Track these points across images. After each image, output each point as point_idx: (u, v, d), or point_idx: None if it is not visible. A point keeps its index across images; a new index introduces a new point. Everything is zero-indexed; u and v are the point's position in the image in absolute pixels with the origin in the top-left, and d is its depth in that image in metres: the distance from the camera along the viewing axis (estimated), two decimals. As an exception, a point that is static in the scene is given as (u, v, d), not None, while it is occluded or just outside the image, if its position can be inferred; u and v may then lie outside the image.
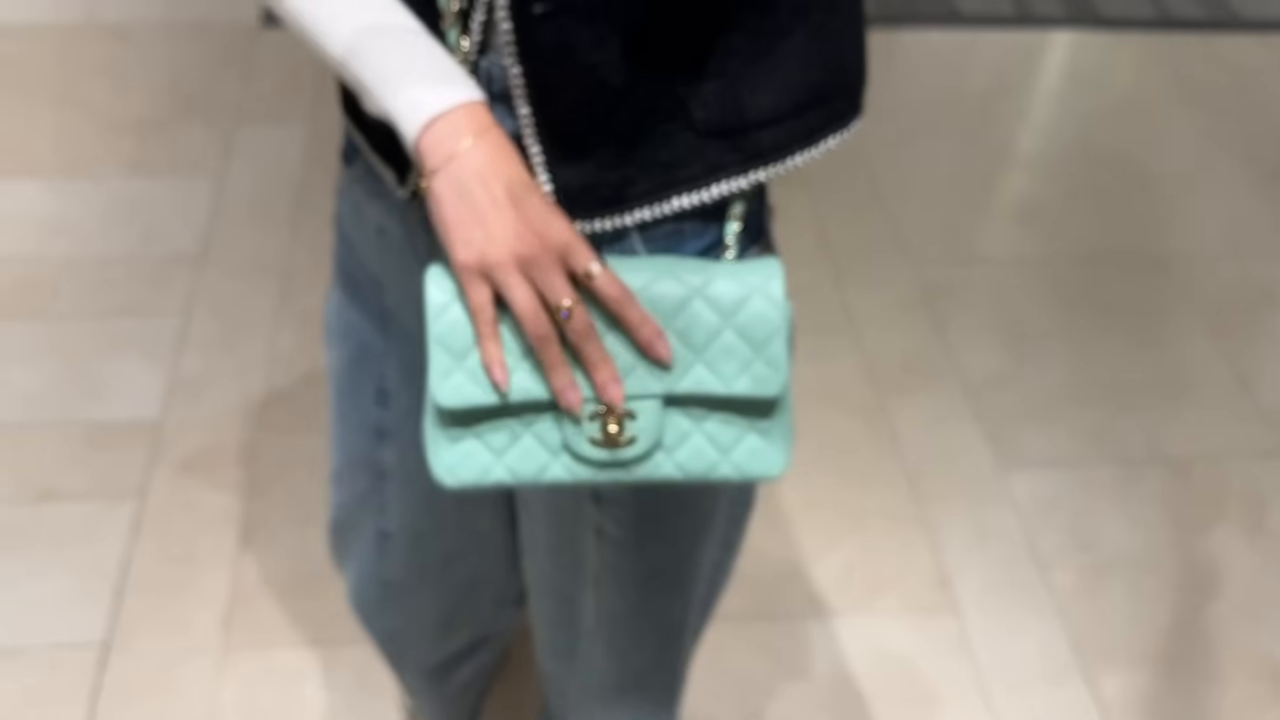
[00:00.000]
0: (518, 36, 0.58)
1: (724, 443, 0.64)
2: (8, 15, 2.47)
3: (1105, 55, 2.70)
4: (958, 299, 1.99)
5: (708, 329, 0.62)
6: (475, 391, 0.61)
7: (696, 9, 0.59)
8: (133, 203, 2.03)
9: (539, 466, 0.63)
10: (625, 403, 0.61)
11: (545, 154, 0.61)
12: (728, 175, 0.63)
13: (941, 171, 2.28)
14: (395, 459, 0.86)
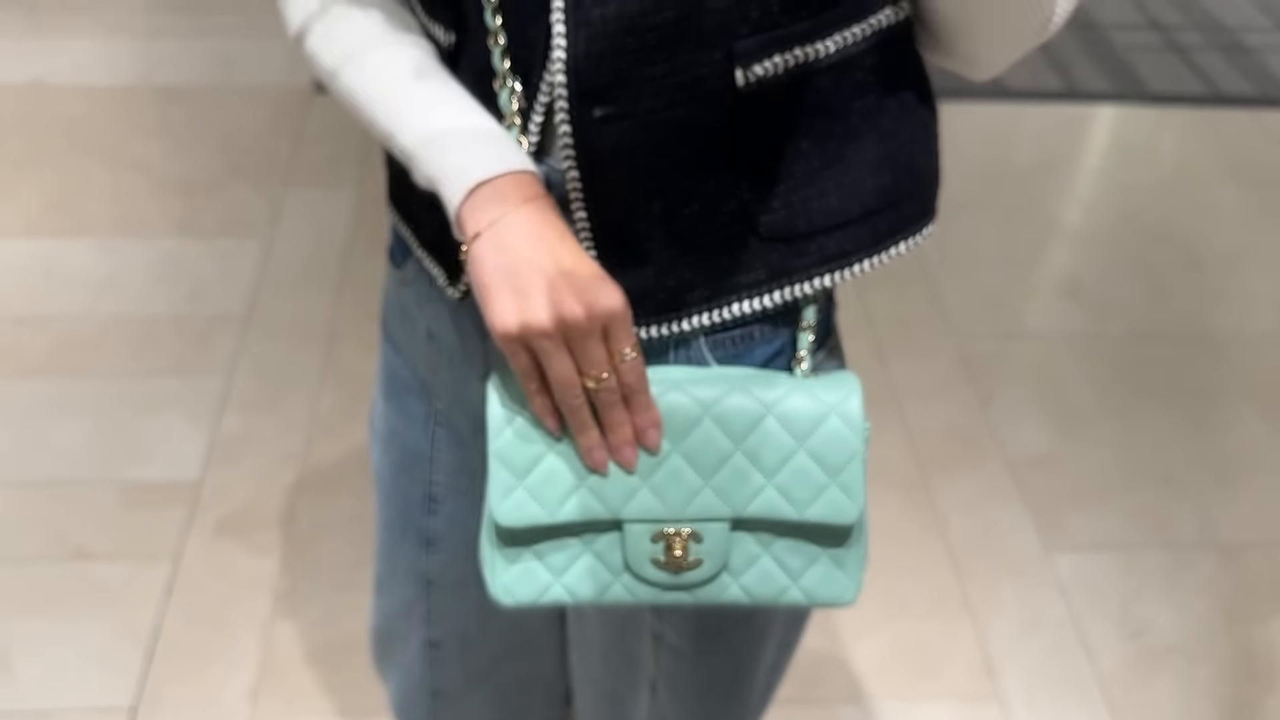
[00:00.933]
0: (575, 139, 0.56)
1: (794, 568, 0.61)
2: (66, 77, 2.54)
3: (1152, 130, 2.68)
4: (1002, 374, 1.96)
5: (780, 450, 0.58)
6: (537, 510, 0.59)
7: (764, 115, 0.57)
8: (181, 262, 2.06)
9: (599, 587, 0.60)
10: (692, 524, 0.58)
11: (601, 259, 0.59)
12: (792, 281, 0.61)
13: (986, 244, 2.26)
14: (442, 567, 0.83)
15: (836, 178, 0.60)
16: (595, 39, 0.54)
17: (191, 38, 2.71)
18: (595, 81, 0.55)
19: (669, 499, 0.59)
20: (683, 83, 0.55)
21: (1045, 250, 2.27)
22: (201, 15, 2.80)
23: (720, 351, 0.63)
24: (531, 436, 0.58)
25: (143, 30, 2.73)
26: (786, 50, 0.55)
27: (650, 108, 0.55)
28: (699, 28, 0.54)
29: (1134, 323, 2.09)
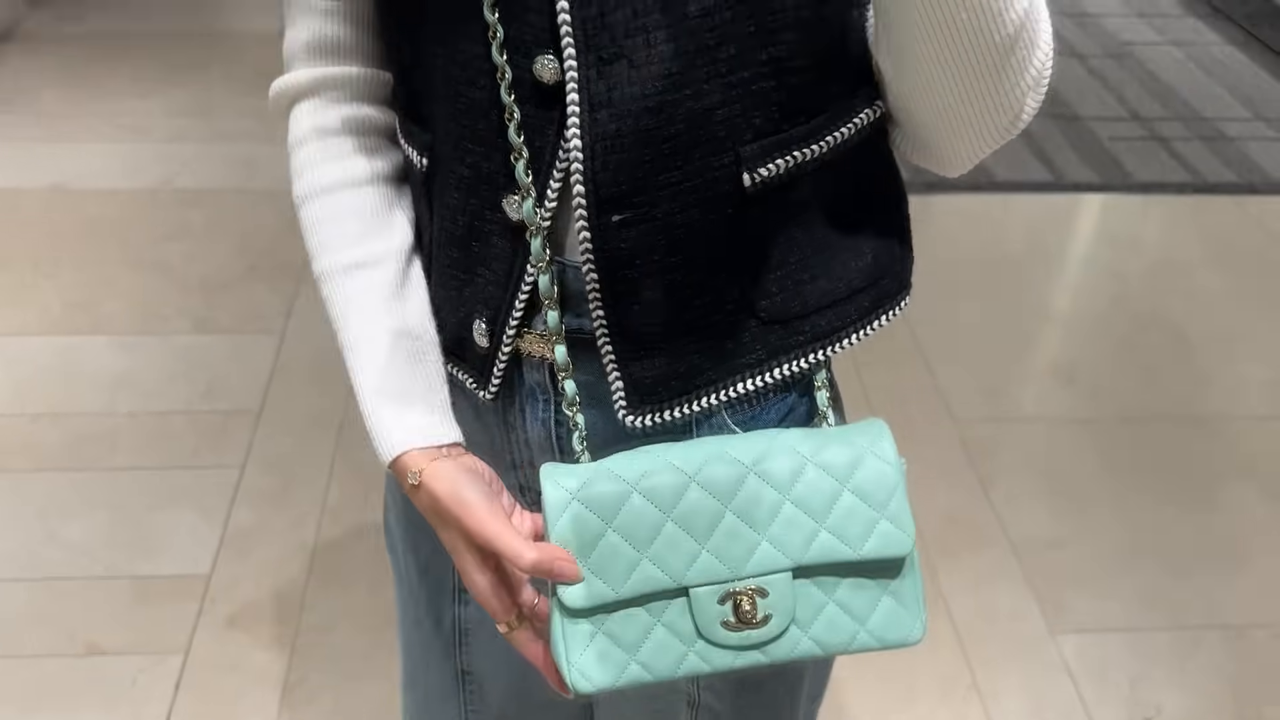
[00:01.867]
0: (595, 243, 0.60)
1: (859, 611, 0.62)
2: (87, 181, 2.63)
3: (1138, 218, 2.76)
4: (1002, 457, 1.99)
5: (826, 494, 0.61)
6: (602, 588, 0.59)
7: (766, 210, 0.61)
8: (197, 359, 2.11)
9: (675, 659, 0.60)
10: (756, 580, 0.60)
11: (616, 354, 0.63)
12: (790, 359, 0.65)
13: (981, 330, 2.31)
14: (477, 655, 0.83)
15: (825, 262, 0.65)
16: (612, 151, 0.58)
17: (210, 142, 2.81)
18: (613, 190, 0.58)
19: (729, 558, 0.60)
20: (695, 186, 0.59)
21: (1038, 335, 2.32)
22: (219, 120, 2.91)
23: (738, 416, 0.67)
24: (588, 519, 0.59)
25: (162, 135, 2.84)
26: (786, 152, 0.60)
27: (666, 211, 0.59)
28: (709, 136, 0.58)
29: (1128, 406, 2.13)
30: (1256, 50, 3.70)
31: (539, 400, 0.68)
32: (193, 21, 3.48)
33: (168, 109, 2.96)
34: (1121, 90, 3.38)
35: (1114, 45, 3.69)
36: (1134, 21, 3.90)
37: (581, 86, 0.56)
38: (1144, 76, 3.48)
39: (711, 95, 0.57)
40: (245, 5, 3.60)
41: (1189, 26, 3.87)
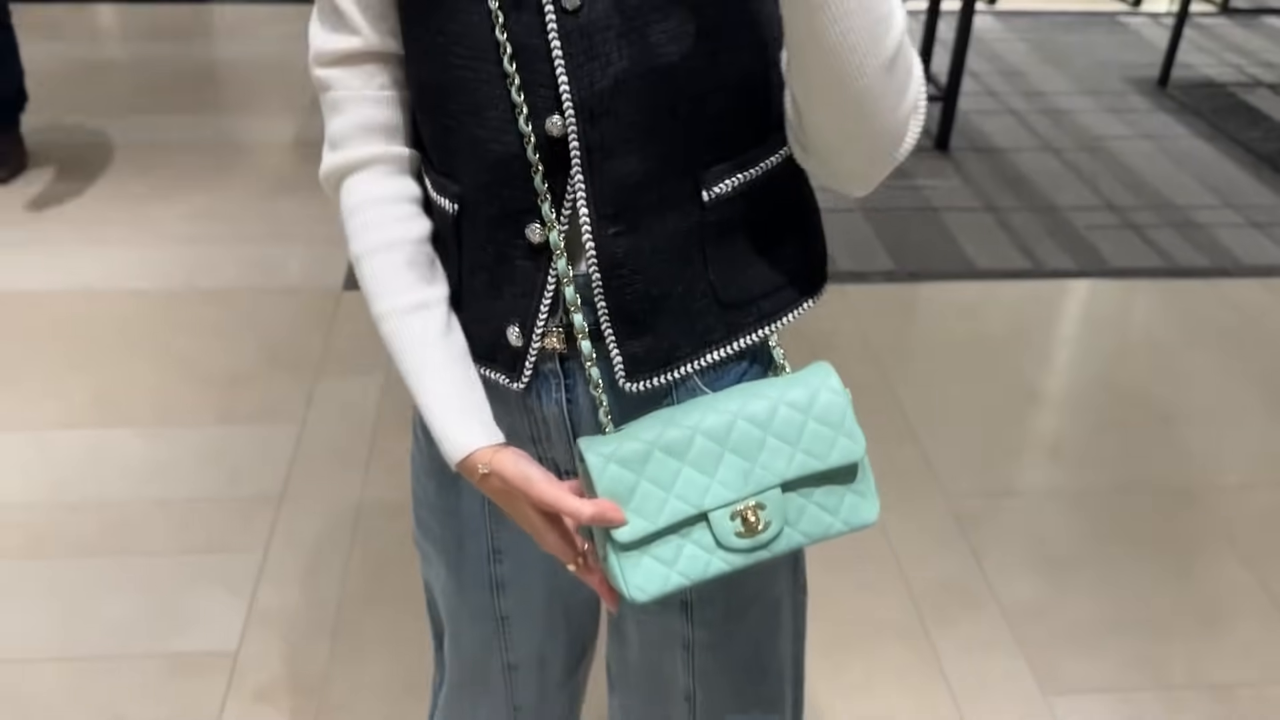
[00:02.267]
0: (599, 252, 0.77)
1: (831, 506, 0.82)
2: (116, 282, 2.77)
3: (1116, 301, 2.89)
4: (992, 529, 2.08)
5: (795, 425, 0.80)
6: (643, 524, 0.77)
7: (721, 217, 0.79)
8: (221, 448, 2.21)
9: (704, 565, 0.79)
10: (755, 497, 0.79)
11: (616, 336, 0.80)
12: (743, 335, 0.84)
13: (969, 408, 2.42)
14: (514, 604, 0.99)
15: (767, 258, 0.83)
16: (606, 181, 0.76)
17: (229, 245, 2.96)
18: (609, 210, 0.76)
19: (732, 485, 0.79)
20: (666, 203, 0.77)
21: (1024, 413, 2.43)
22: (237, 225, 3.07)
23: (706, 379, 0.85)
24: (624, 474, 0.77)
25: (184, 238, 2.99)
26: (736, 174, 0.79)
27: (648, 223, 0.77)
28: (676, 166, 0.76)
29: (1113, 478, 2.23)
30: (1223, 143, 3.90)
31: (552, 385, 0.85)
32: (210, 133, 3.67)
33: (189, 214, 3.11)
34: (1095, 182, 3.56)
35: (1087, 139, 3.89)
36: (1105, 117, 4.11)
37: (580, 136, 0.74)
38: (1116, 168, 3.67)
39: (676, 138, 0.75)
40: (258, 117, 3.80)
41: (1158, 121, 4.08)
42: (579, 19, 0.71)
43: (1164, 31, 5.13)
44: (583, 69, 0.72)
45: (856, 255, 3.04)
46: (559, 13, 0.71)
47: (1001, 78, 4.47)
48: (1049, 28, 5.13)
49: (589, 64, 0.72)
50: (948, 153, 3.73)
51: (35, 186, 3.24)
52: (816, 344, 2.62)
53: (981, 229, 3.23)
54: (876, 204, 3.33)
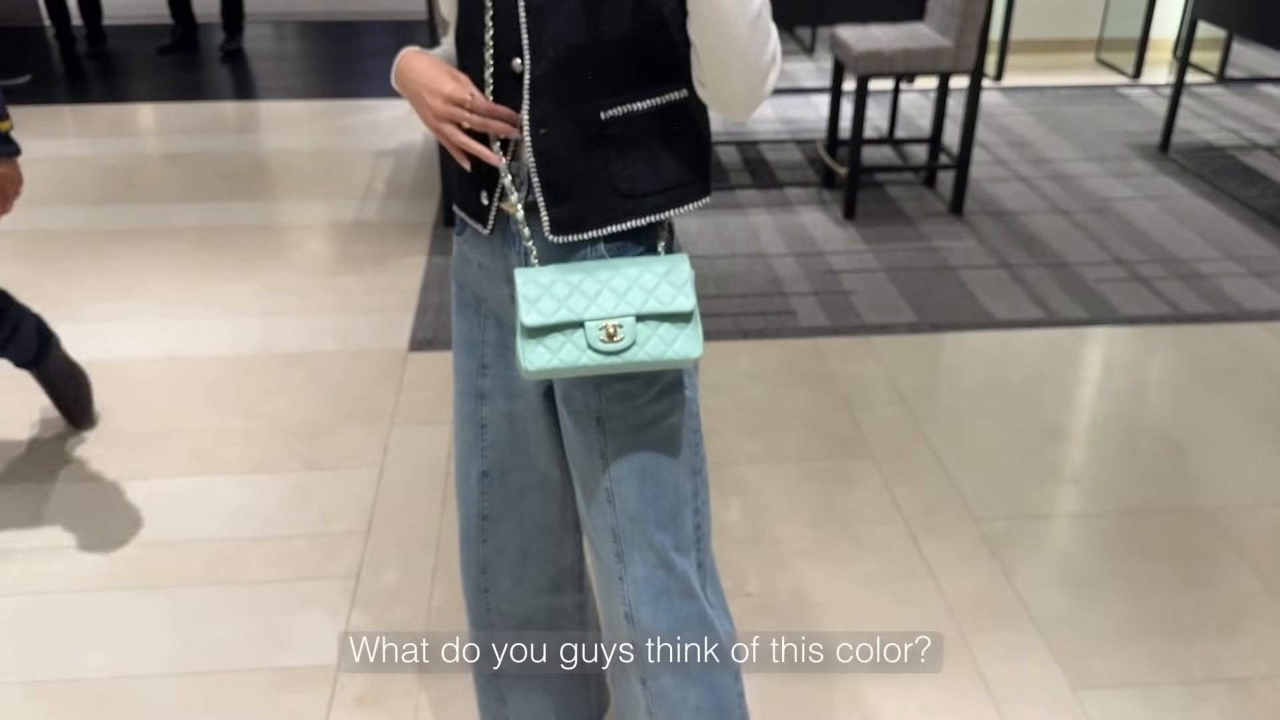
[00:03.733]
0: (534, 144, 1.18)
1: (668, 339, 1.19)
2: (200, 349, 3.01)
3: (1126, 346, 3.09)
4: (1020, 549, 2.25)
5: (653, 281, 1.20)
6: (541, 319, 1.17)
7: (618, 130, 1.17)
8: (309, 491, 2.42)
9: (576, 357, 1.17)
10: (618, 319, 1.17)
11: (545, 201, 1.20)
12: (635, 217, 1.22)
13: (994, 444, 2.61)
14: (490, 413, 1.39)
15: (658, 163, 1.20)
16: (541, 103, 1.17)
17: (300, 315, 3.21)
18: (541, 116, 1.17)
19: (604, 309, 1.17)
20: (578, 115, 1.17)
21: (1044, 447, 2.61)
22: (306, 297, 3.32)
23: (610, 249, 1.23)
24: (536, 288, 1.17)
25: (257, 310, 3.24)
26: (624, 105, 1.17)
27: (566, 128, 1.17)
28: (585, 91, 1.16)
29: (1128, 501, 2.40)
30: (1224, 201, 4.13)
31: (514, 238, 1.26)
32: (271, 217, 3.96)
33: (260, 289, 3.37)
34: (1104, 239, 3.78)
35: (1094, 201, 4.13)
36: (1110, 180, 4.35)
37: (530, 72, 1.16)
38: (1123, 226, 3.89)
39: (585, 76, 1.15)
40: (314, 202, 4.10)
41: (1161, 183, 4.32)
42: (535, 2, 1.14)
43: (1164, 101, 5.41)
44: (535, 31, 1.14)
45: (881, 310, 3.26)
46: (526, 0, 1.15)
47: (1010, 148, 4.74)
48: (1053, 101, 5.42)
49: (538, 29, 1.14)
50: (962, 217, 3.97)
51: (125, 275, 3.52)
52: (846, 389, 2.83)
53: (997, 284, 3.45)
54: (898, 264, 3.56)
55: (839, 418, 2.71)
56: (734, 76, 1.12)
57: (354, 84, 5.71)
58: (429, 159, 4.52)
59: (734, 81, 1.12)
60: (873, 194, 4.17)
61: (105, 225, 3.85)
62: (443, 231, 3.80)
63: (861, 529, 2.32)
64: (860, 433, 2.65)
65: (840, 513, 2.37)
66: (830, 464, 2.53)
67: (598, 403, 1.27)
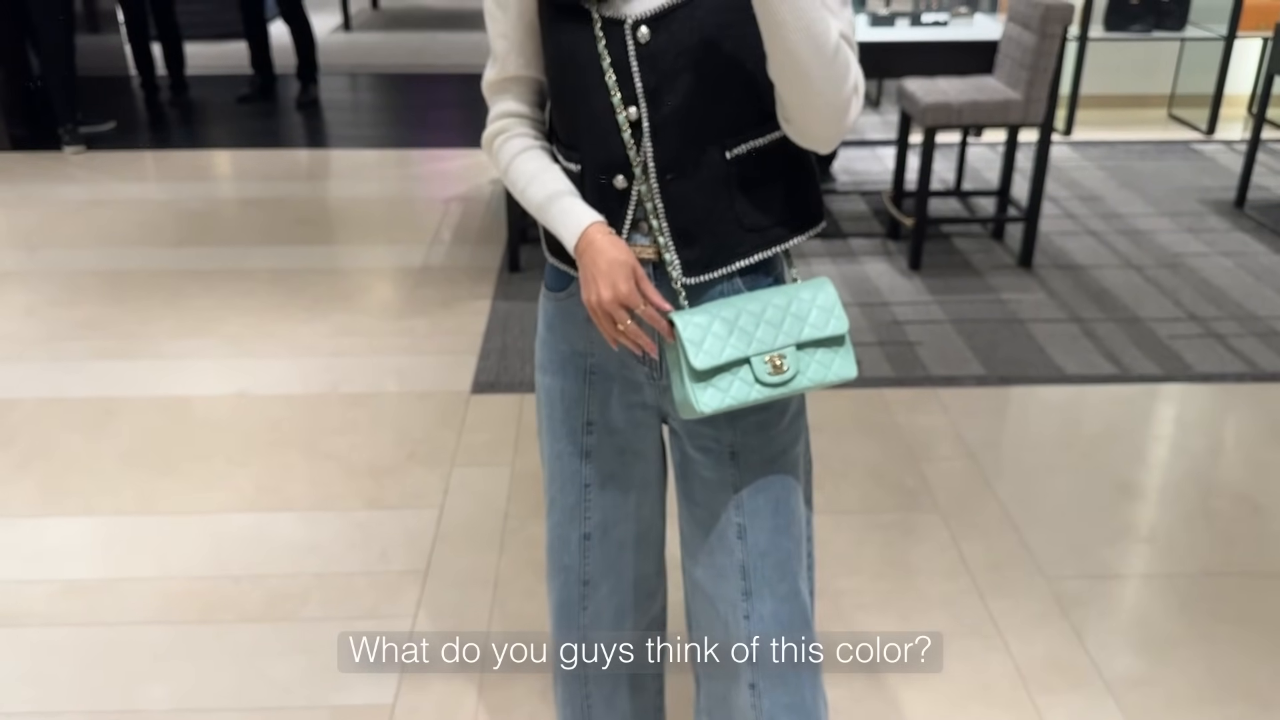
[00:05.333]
0: (661, 191, 1.19)
1: (826, 363, 1.23)
2: (269, 388, 3.07)
3: (1201, 403, 3.00)
4: (1092, 610, 2.18)
5: (805, 308, 1.22)
6: (711, 360, 1.18)
7: (743, 169, 1.19)
8: (371, 530, 2.44)
9: (745, 393, 1.19)
10: (781, 350, 1.20)
11: (675, 246, 1.21)
12: (759, 251, 1.24)
13: (1064, 501, 2.54)
14: (594, 471, 1.36)
15: (774, 200, 1.23)
16: (665, 145, 1.17)
17: (367, 356, 3.26)
18: (667, 162, 1.18)
19: (765, 342, 1.20)
20: (704, 158, 1.18)
21: (1116, 504, 2.54)
22: (373, 339, 3.37)
23: (746, 282, 1.25)
24: (698, 330, 1.18)
25: (326, 351, 3.30)
26: (747, 143, 1.19)
27: (693, 172, 1.18)
28: (710, 137, 1.17)
29: (1205, 562, 2.32)
30: (1303, 258, 4.02)
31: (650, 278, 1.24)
32: (343, 261, 4.05)
33: (329, 331, 3.44)
34: (1177, 295, 3.70)
35: (1166, 257, 4.05)
36: (1183, 236, 4.26)
37: (649, 119, 1.16)
38: (1197, 282, 3.81)
39: (709, 118, 1.16)
40: (384, 247, 4.18)
41: (1236, 240, 4.22)
42: (649, 48, 1.14)
43: (1238, 157, 5.31)
44: (650, 78, 1.15)
45: (948, 362, 3.22)
46: (636, 44, 1.14)
47: (1080, 202, 4.68)
48: (1124, 156, 5.35)
49: (654, 74, 1.15)
50: (1031, 270, 3.92)
51: (197, 312, 3.61)
52: (912, 440, 2.78)
53: (1068, 338, 3.38)
54: (965, 315, 3.51)
55: (905, 470, 2.66)
56: (815, 112, 1.11)
57: (424, 134, 5.84)
58: (495, 206, 4.59)
59: (816, 117, 1.12)
60: (939, 246, 4.14)
61: (183, 266, 3.96)
62: (507, 277, 3.84)
63: (927, 584, 2.26)
64: (926, 485, 2.60)
65: (905, 567, 2.32)
66: (895, 516, 2.49)
67: (732, 436, 1.27)
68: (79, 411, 2.96)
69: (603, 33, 1.15)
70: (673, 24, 1.13)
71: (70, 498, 2.58)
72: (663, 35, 1.13)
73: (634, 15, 1.14)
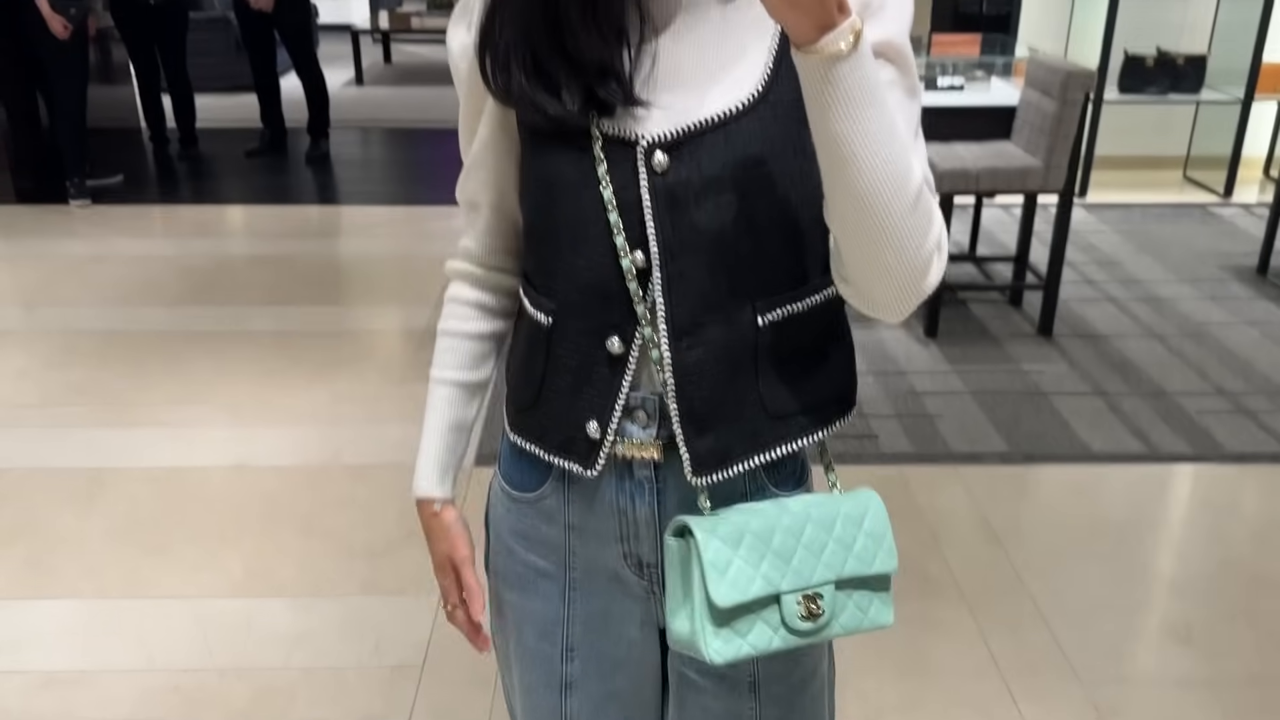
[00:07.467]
0: (673, 360, 0.91)
1: (864, 606, 0.95)
2: (267, 459, 2.96)
3: (1236, 486, 2.88)
4: (1131, 717, 2.04)
5: (850, 534, 0.94)
6: (735, 593, 0.89)
7: (771, 340, 0.93)
8: (365, 618, 2.32)
9: (768, 640, 0.92)
10: (817, 588, 0.92)
11: (684, 435, 0.93)
12: (785, 442, 0.97)
13: (1098, 594, 2.41)
14: (580, 704, 1.07)
15: (807, 378, 0.96)
16: (682, 303, 0.90)
17: (367, 425, 3.16)
18: (684, 327, 0.91)
19: (802, 575, 0.92)
20: (730, 323, 0.91)
21: (1151, 597, 2.41)
22: (376, 406, 3.27)
23: (773, 479, 0.99)
24: (724, 549, 0.90)
25: (325, 419, 3.19)
26: (786, 304, 0.93)
27: (712, 339, 0.91)
28: (737, 295, 0.91)
29: (1250, 667, 2.18)
30: (1331, 328, 3.91)
31: (645, 489, 0.98)
32: (346, 323, 3.96)
33: (329, 398, 3.34)
34: (1203, 367, 3.59)
35: (1190, 326, 3.94)
36: (1206, 304, 4.16)
37: (662, 269, 0.90)
38: (1223, 354, 3.70)
39: (739, 272, 0.90)
40: (388, 308, 4.09)
41: (1261, 308, 4.12)
42: (666, 179, 0.88)
43: (1257, 221, 5.23)
44: (665, 217, 0.88)
45: (969, 437, 3.10)
46: (650, 174, 0.88)
47: (1098, 267, 4.58)
48: (1140, 219, 5.27)
49: (671, 213, 0.88)
50: (1051, 339, 3.81)
51: (194, 376, 3.52)
52: (934, 523, 2.66)
53: (1093, 413, 3.26)
54: (985, 386, 3.40)
55: (927, 555, 2.54)
56: (886, 274, 0.85)
57: (435, 190, 5.79)
58: (503, 267, 4.52)
59: (886, 280, 0.86)
60: (955, 312, 4.04)
61: (184, 327, 3.88)
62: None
63: (956, 685, 2.13)
64: (951, 573, 2.47)
65: (932, 664, 2.19)
66: (919, 606, 2.36)
67: (753, 664, 1.03)
68: (68, 482, 2.85)
69: (604, 156, 0.89)
70: (699, 150, 0.87)
71: (53, 578, 2.46)
72: (686, 164, 0.87)
73: (649, 136, 0.88)
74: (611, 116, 0.88)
